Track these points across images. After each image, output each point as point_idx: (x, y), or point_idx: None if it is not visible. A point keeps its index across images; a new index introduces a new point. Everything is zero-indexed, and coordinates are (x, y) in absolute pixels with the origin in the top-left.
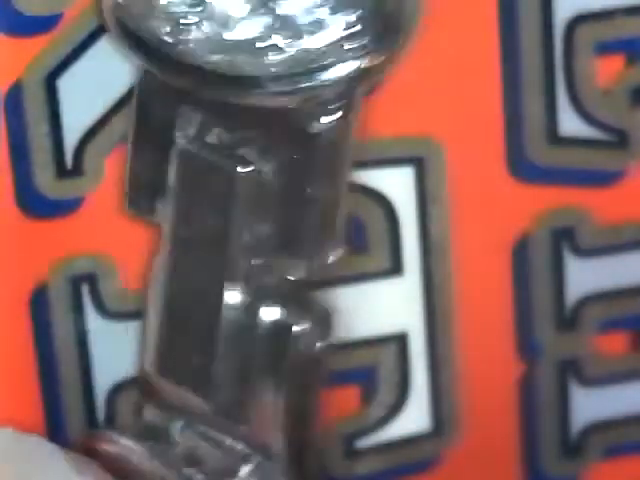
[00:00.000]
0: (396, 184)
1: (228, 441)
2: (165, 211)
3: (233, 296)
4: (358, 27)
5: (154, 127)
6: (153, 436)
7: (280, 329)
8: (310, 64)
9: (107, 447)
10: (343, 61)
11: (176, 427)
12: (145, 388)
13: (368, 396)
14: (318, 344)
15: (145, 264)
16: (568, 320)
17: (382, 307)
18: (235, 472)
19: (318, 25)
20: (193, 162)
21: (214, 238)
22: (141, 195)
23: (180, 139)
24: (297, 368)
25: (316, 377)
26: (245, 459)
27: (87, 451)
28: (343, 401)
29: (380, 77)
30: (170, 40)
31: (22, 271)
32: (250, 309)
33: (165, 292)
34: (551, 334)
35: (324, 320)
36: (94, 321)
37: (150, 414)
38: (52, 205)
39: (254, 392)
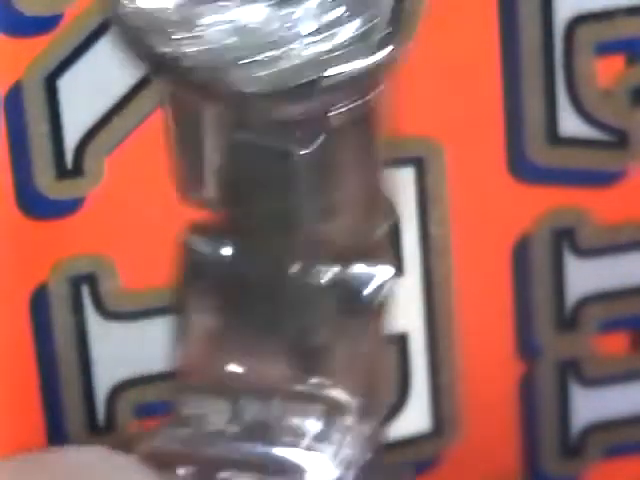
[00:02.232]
0: (396, 184)
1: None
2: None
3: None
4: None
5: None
6: (194, 426)
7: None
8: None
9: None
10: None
11: (221, 414)
12: (181, 381)
13: None
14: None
15: (145, 264)
16: (568, 320)
17: None
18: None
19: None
20: (248, 149)
21: (277, 222)
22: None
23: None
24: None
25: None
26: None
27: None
28: None
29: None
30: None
31: (22, 271)
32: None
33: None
34: (551, 334)
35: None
36: (94, 321)
37: (188, 406)
38: (52, 205)
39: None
